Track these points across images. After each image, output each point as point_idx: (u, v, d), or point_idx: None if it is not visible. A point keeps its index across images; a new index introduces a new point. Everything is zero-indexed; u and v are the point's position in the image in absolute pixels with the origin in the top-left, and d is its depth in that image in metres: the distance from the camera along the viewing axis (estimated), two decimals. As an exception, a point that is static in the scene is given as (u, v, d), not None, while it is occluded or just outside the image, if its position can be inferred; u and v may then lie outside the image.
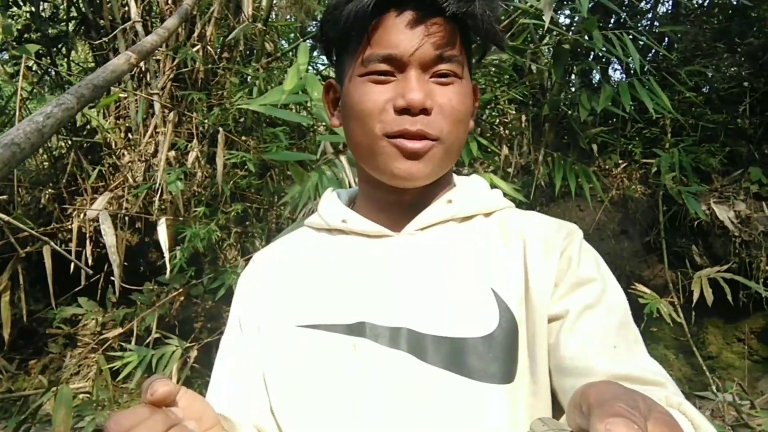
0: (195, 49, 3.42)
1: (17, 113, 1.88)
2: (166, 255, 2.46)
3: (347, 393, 0.68)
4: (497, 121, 4.30)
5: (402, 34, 0.71)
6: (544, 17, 2.58)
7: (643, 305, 2.81)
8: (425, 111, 0.71)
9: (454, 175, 0.87)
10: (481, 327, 0.69)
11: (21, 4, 3.75)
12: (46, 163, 3.83)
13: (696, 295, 2.96)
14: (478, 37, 0.78)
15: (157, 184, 2.85)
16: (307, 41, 3.61)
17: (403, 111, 0.71)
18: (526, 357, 0.70)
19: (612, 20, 4.64)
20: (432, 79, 0.73)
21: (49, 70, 3.87)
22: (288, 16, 3.97)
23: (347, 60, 0.77)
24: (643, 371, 0.65)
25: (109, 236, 2.15)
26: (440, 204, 0.80)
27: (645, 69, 3.73)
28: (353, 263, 0.77)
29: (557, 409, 0.72)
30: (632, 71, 4.27)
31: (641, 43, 4.19)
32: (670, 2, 5.20)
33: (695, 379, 3.73)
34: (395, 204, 0.80)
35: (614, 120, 4.41)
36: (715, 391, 3.12)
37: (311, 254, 0.82)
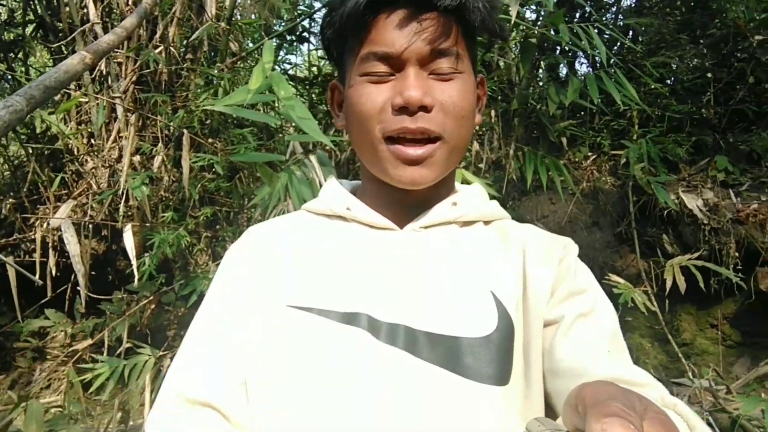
0: (157, 50, 3.34)
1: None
2: (134, 262, 2.40)
3: (336, 384, 0.67)
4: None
5: (396, 32, 0.70)
6: (510, 12, 2.58)
7: (617, 295, 2.83)
8: (425, 108, 0.70)
9: (457, 183, 0.87)
10: (480, 328, 0.70)
11: (-25, 8, 3.63)
12: (7, 172, 3.71)
13: (669, 284, 3.00)
14: (476, 30, 0.77)
15: (122, 190, 2.77)
16: (273, 40, 3.57)
17: (402, 109, 0.70)
18: (521, 360, 0.71)
19: (577, 14, 4.68)
20: (431, 76, 0.72)
21: (6, 74, 3.75)
22: (252, 15, 3.91)
23: (347, 60, 0.77)
24: (634, 375, 0.67)
25: (72, 245, 2.08)
26: (446, 205, 0.80)
27: (611, 61, 3.77)
28: (354, 252, 0.76)
29: (550, 413, 0.73)
30: (599, 64, 4.31)
31: (607, 36, 4.23)
32: (634, -5, 5.27)
33: (671, 366, 3.78)
34: (399, 202, 0.80)
35: (582, 113, 4.45)
36: (691, 377, 3.15)
37: (308, 237, 0.80)
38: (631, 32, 4.86)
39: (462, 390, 0.66)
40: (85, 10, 3.48)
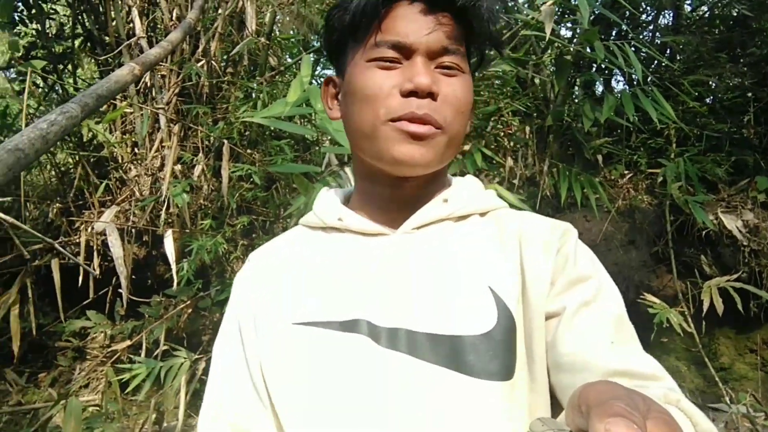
0: (200, 64, 3.45)
1: (23, 126, 1.89)
2: (173, 267, 2.46)
3: (345, 392, 0.68)
4: (501, 133, 4.30)
5: (413, 23, 0.73)
6: (545, 29, 2.60)
7: (652, 315, 2.79)
8: (432, 96, 0.72)
9: (450, 176, 0.87)
10: (480, 325, 0.70)
11: (27, 22, 3.80)
12: (54, 178, 3.85)
13: (706, 305, 2.93)
14: (480, 37, 0.79)
15: (164, 198, 2.86)
16: (310, 55, 3.65)
17: (410, 94, 0.72)
18: (524, 354, 0.70)
19: (614, 32, 4.67)
20: (437, 70, 0.74)
21: (56, 86, 3.91)
22: (291, 30, 4.01)
23: (352, 49, 0.78)
24: (640, 366, 0.66)
25: (116, 248, 2.15)
26: (436, 203, 0.80)
27: (648, 79, 3.75)
28: (349, 261, 0.77)
29: (555, 406, 0.72)
30: (635, 82, 4.29)
31: (643, 54, 4.20)
32: (672, 14, 5.23)
33: (708, 390, 3.69)
34: (392, 200, 0.80)
35: (619, 131, 4.42)
36: (728, 402, 3.08)
37: (306, 252, 0.82)
38: (668, 50, 4.82)
39: (467, 388, 0.67)
40: (131, 25, 3.62)
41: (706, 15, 5.18)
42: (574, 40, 4.15)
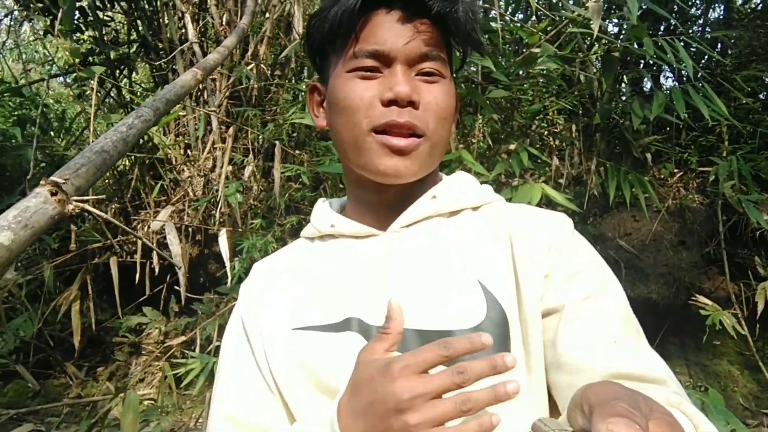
0: (249, 67, 3.54)
1: (91, 129, 1.99)
2: (227, 264, 2.54)
3: (336, 391, 0.69)
4: (546, 131, 4.27)
5: (390, 31, 0.73)
6: (592, 26, 2.58)
7: (704, 317, 2.74)
8: (413, 104, 0.72)
9: (441, 173, 0.87)
10: (468, 319, 0.70)
11: (84, 29, 3.95)
12: (111, 180, 4.00)
13: (760, 307, 2.87)
14: (459, 40, 0.80)
15: (218, 197, 2.95)
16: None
17: (391, 103, 0.72)
18: (520, 348, 0.70)
19: (662, 27, 4.57)
20: (417, 77, 0.74)
21: (112, 91, 4.06)
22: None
23: (333, 60, 0.79)
24: (642, 368, 0.65)
25: (174, 246, 2.23)
26: (424, 200, 0.80)
27: (698, 75, 3.66)
28: (342, 264, 0.79)
29: (552, 405, 0.72)
30: (685, 78, 4.19)
31: (693, 49, 4.11)
32: (722, 7, 5.09)
33: (762, 396, 3.59)
34: (381, 203, 0.81)
35: (668, 128, 4.33)
36: (783, 408, 3.00)
37: (305, 261, 0.83)
38: (719, 45, 4.69)
39: None
40: (183, 30, 3.73)
41: (759, 8, 5.02)
42: (621, 36, 4.09)
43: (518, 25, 3.50)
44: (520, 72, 3.23)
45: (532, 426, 0.44)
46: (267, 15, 3.65)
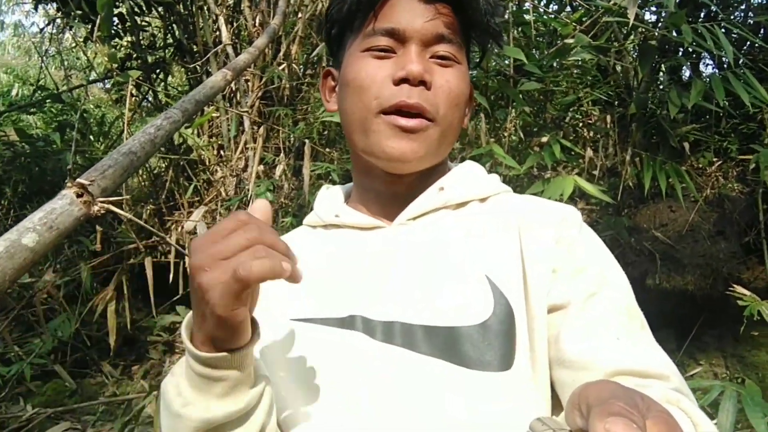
0: (281, 67, 3.57)
1: (125, 132, 2.05)
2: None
3: (342, 388, 0.69)
4: (581, 123, 4.20)
5: (408, 12, 0.73)
6: (628, 14, 2.53)
7: (741, 309, 2.66)
8: (424, 84, 0.71)
9: (449, 163, 0.86)
10: (476, 315, 0.69)
11: (122, 34, 4.05)
12: (147, 182, 4.10)
13: (801, 298, 2.76)
14: (478, 30, 0.79)
15: (248, 197, 2.99)
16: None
17: (402, 81, 0.71)
18: (525, 344, 0.69)
19: (702, 14, 4.44)
20: (432, 59, 0.74)
21: (148, 95, 4.15)
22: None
23: (349, 40, 0.78)
24: (645, 364, 0.64)
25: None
26: (432, 192, 0.79)
27: (740, 62, 3.55)
28: (347, 256, 0.78)
29: (553, 400, 0.71)
30: (725, 65, 4.07)
31: (735, 35, 3.98)
32: (765, -9, 4.92)
33: (802, 388, 3.47)
34: (388, 194, 0.80)
35: (707, 117, 4.21)
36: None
37: (307, 250, 0.81)
38: (762, 30, 4.53)
39: (463, 380, 0.66)
40: (217, 33, 3.79)
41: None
42: (659, 24, 3.99)
43: (552, 16, 3.45)
44: (554, 63, 3.19)
45: (530, 425, 0.44)
46: (299, 15, 3.68)
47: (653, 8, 4.26)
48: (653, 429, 0.35)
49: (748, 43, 4.29)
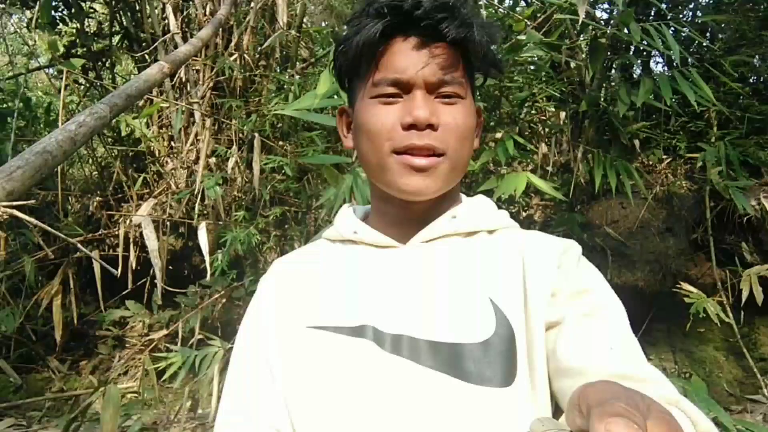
0: (233, 58, 3.50)
1: (60, 124, 1.96)
2: (207, 258, 2.52)
3: (347, 394, 0.72)
4: (535, 119, 4.24)
5: (408, 59, 0.76)
6: (579, 12, 2.55)
7: (689, 305, 2.73)
8: (432, 127, 0.75)
9: (462, 195, 0.91)
10: (478, 333, 0.73)
11: (67, 21, 3.90)
12: (95, 173, 3.97)
13: (745, 294, 2.86)
14: (477, 61, 0.82)
15: (198, 190, 2.92)
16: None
17: (411, 127, 0.75)
18: (525, 362, 0.72)
19: (651, 12, 4.53)
20: (437, 100, 0.77)
21: (95, 83, 4.02)
22: (322, 22, 4.02)
23: (358, 85, 0.82)
24: (639, 371, 0.66)
25: (151, 241, 2.21)
26: (445, 219, 0.83)
27: (688, 60, 3.63)
28: (361, 271, 0.82)
29: (559, 414, 0.73)
30: (674, 64, 4.16)
31: (683, 34, 4.07)
32: (713, -9, 5.05)
33: (746, 381, 3.59)
34: (403, 218, 0.84)
35: (657, 115, 4.30)
36: (766, 394, 3.00)
37: (325, 262, 0.86)
38: (709, 30, 4.66)
39: (464, 394, 0.69)
40: (166, 21, 3.69)
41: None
42: (611, 22, 4.04)
43: (505, 12, 3.46)
44: (508, 59, 3.20)
45: (531, 425, 0.45)
46: (251, 4, 3.60)
47: (605, 5, 4.32)
48: (654, 430, 0.35)
49: (696, 42, 4.40)
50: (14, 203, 0.80)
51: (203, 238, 2.49)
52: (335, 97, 2.12)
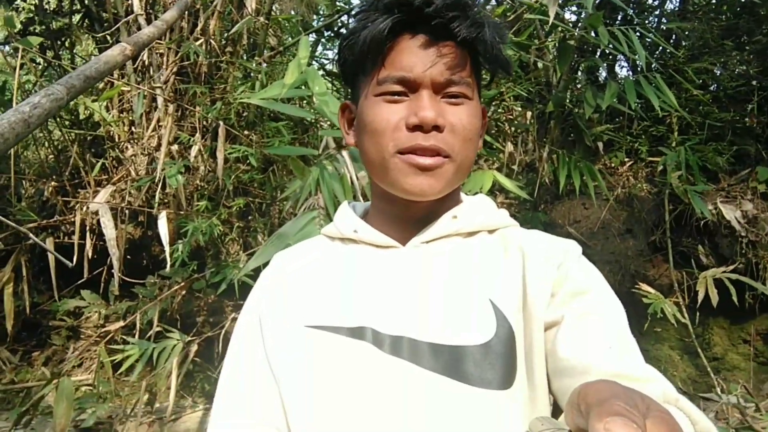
0: (198, 42, 3.41)
1: (14, 104, 1.87)
2: (167, 248, 2.45)
3: (345, 395, 0.71)
4: (502, 117, 4.27)
5: (415, 57, 0.74)
6: (549, 13, 2.56)
7: (647, 305, 2.79)
8: (438, 128, 0.74)
9: (462, 194, 0.90)
10: (479, 335, 0.72)
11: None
12: (51, 156, 3.83)
13: (701, 296, 2.94)
14: (485, 62, 0.81)
15: (158, 178, 2.84)
16: (310, 35, 3.59)
17: (416, 128, 0.73)
18: (523, 364, 0.73)
19: (619, 17, 4.61)
20: (443, 100, 0.76)
21: (53, 62, 3.87)
22: (291, 11, 3.95)
23: (363, 81, 0.80)
24: (637, 370, 0.66)
25: (108, 229, 2.14)
26: (446, 219, 0.82)
27: (652, 66, 3.70)
28: (361, 271, 0.81)
29: (558, 414, 0.73)
30: (639, 68, 4.24)
31: (648, 40, 4.15)
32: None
33: (700, 380, 3.71)
34: (404, 218, 0.83)
35: (620, 118, 4.38)
36: (719, 392, 3.09)
37: (324, 260, 0.85)
38: (673, 36, 4.76)
39: (463, 396, 0.69)
40: (129, 1, 3.57)
41: (713, 1, 5.10)
42: (579, 25, 4.09)
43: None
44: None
45: (530, 424, 0.45)
46: (219, -11, 3.51)
47: (573, 8, 4.37)
48: (653, 429, 0.35)
49: (661, 47, 4.49)
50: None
51: (163, 228, 2.42)
52: (303, 87, 2.08)
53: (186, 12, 2.84)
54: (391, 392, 0.70)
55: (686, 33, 4.52)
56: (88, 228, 3.20)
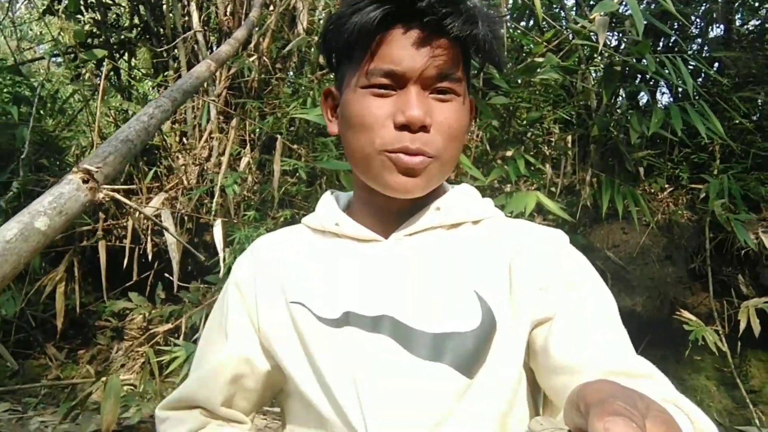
0: (251, 59, 3.53)
1: (98, 115, 1.99)
2: (221, 254, 2.54)
3: (334, 374, 0.73)
4: (541, 140, 4.29)
5: (406, 51, 0.72)
6: (598, 39, 2.60)
7: (685, 332, 2.77)
8: (424, 128, 0.72)
9: (446, 184, 0.88)
10: (462, 325, 0.72)
11: (86, 10, 3.92)
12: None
13: (743, 325, 2.90)
14: (479, 59, 0.81)
15: (216, 187, 2.94)
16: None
17: (403, 127, 0.72)
18: (498, 355, 0.72)
19: (661, 43, 4.62)
20: (431, 96, 0.74)
21: (111, 75, 4.03)
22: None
23: (348, 70, 0.78)
24: (632, 366, 0.66)
25: (170, 234, 2.23)
26: (429, 211, 0.81)
27: (696, 93, 3.70)
28: (343, 266, 0.80)
29: (547, 408, 0.76)
30: (680, 95, 4.23)
31: (691, 67, 4.15)
32: (722, 27, 5.14)
33: (736, 412, 3.64)
34: (387, 210, 0.82)
35: (661, 143, 4.38)
36: (758, 425, 3.04)
37: (305, 252, 0.84)
38: (717, 64, 4.75)
39: (438, 380, 0.70)
40: (186, 18, 3.72)
41: (757, 30, 5.08)
42: (621, 49, 4.11)
43: (521, 32, 3.52)
44: (519, 80, 3.25)
45: (530, 424, 0.45)
46: (271, 8, 3.64)
47: (615, 33, 4.40)
48: (653, 428, 0.35)
49: (703, 75, 4.48)
50: (116, 187, 0.83)
51: (218, 235, 2.51)
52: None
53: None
54: (372, 366, 0.71)
55: (731, 61, 4.51)
56: (140, 232, 3.32)
